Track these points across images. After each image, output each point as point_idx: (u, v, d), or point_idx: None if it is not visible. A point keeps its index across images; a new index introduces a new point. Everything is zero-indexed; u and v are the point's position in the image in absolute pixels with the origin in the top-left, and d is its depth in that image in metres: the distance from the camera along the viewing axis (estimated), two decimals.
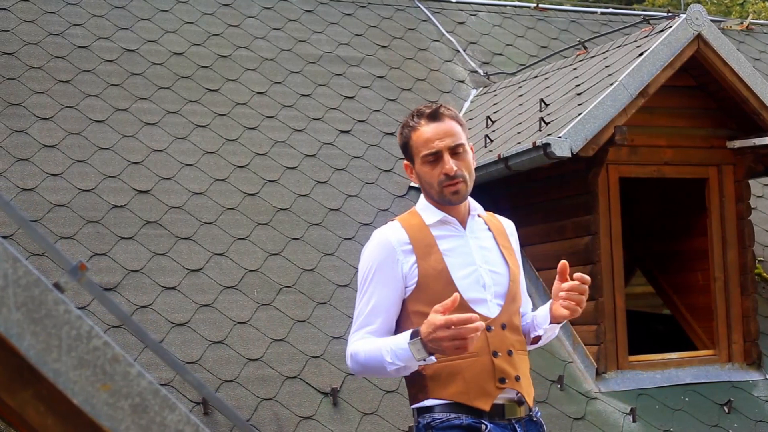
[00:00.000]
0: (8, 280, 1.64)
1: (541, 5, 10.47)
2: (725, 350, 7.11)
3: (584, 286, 3.37)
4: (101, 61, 7.75)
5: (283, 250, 6.78)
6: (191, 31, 8.39)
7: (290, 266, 6.68)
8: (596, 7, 11.12)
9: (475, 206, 3.54)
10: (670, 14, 9.11)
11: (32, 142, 6.90)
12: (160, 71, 7.85)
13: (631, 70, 6.58)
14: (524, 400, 3.34)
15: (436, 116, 3.43)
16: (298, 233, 6.93)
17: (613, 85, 6.54)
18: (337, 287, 6.61)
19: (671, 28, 6.80)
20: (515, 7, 10.47)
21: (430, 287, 3.27)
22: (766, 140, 6.99)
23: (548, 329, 3.51)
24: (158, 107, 7.52)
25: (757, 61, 10.30)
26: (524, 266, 6.61)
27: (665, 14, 9.93)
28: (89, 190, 6.71)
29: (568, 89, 7.20)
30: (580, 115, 6.39)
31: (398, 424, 5.85)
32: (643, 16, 10.29)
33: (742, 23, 11.09)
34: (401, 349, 3.16)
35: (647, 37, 7.07)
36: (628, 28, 9.85)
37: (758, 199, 8.70)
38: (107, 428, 1.69)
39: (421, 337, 3.11)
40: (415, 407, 3.37)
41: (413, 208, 3.53)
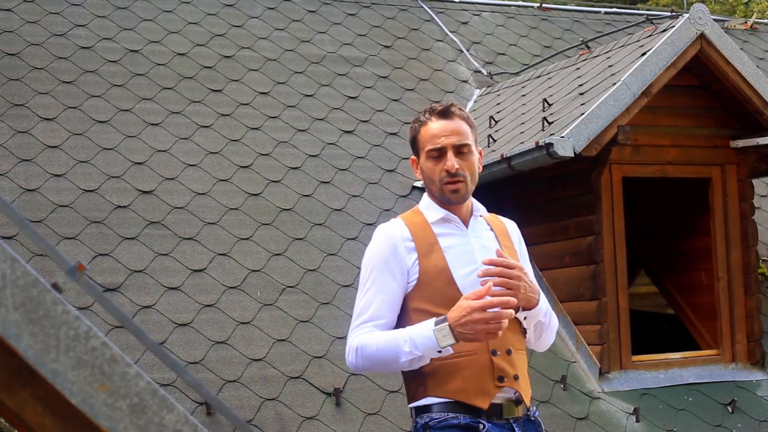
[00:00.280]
0: (6, 280, 1.64)
1: (544, 5, 10.46)
2: (729, 350, 7.10)
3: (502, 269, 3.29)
4: (104, 61, 7.76)
5: (286, 250, 6.78)
6: (194, 31, 8.39)
7: (293, 266, 6.68)
8: (600, 6, 11.11)
9: (478, 207, 3.55)
10: (673, 14, 9.11)
11: (35, 142, 6.91)
12: (163, 72, 7.86)
13: (634, 69, 6.57)
14: (522, 399, 3.34)
15: (446, 114, 3.46)
16: (301, 233, 6.93)
17: (616, 84, 6.53)
18: (340, 287, 6.61)
19: (674, 27, 6.79)
20: (519, 6, 10.46)
21: (430, 285, 3.27)
22: None
23: (527, 316, 3.42)
24: (161, 107, 7.53)
25: (761, 60, 10.29)
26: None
27: (669, 14, 9.93)
28: (92, 190, 6.71)
29: (571, 89, 7.19)
30: (582, 114, 6.39)
31: (401, 424, 5.85)
32: (646, 15, 10.28)
33: (745, 22, 11.07)
34: (423, 337, 3.16)
35: (650, 36, 7.06)
36: (631, 27, 9.84)
37: (762, 198, 8.69)
38: (105, 428, 1.69)
39: (449, 323, 3.11)
40: (412, 406, 3.36)
41: (416, 206, 3.55)
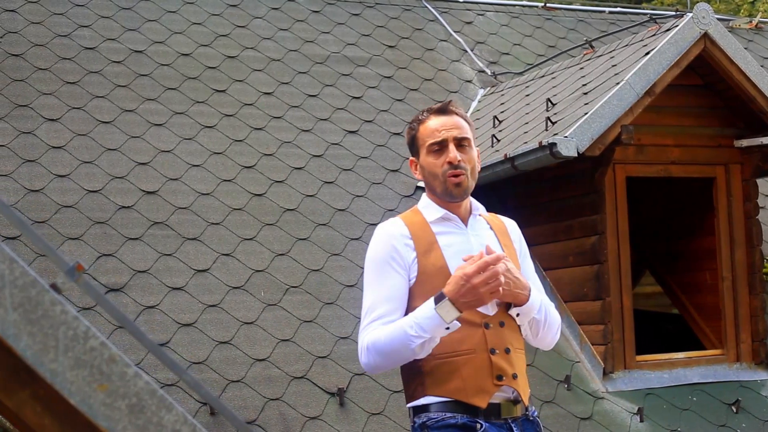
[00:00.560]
0: (5, 280, 1.64)
1: (548, 4, 10.46)
2: (733, 350, 7.09)
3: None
4: (108, 62, 7.77)
5: (289, 250, 6.78)
6: (198, 32, 8.40)
7: (297, 266, 6.68)
8: (604, 6, 11.10)
9: (477, 206, 3.55)
10: (677, 13, 9.09)
11: (39, 143, 6.92)
12: (167, 72, 7.87)
13: (637, 69, 6.57)
14: (520, 398, 3.33)
15: (444, 110, 3.50)
16: (305, 233, 6.94)
17: (619, 84, 6.53)
18: (343, 287, 6.62)
19: (678, 27, 6.79)
20: (523, 6, 10.46)
21: (429, 283, 3.26)
22: None
23: (520, 312, 3.39)
24: (165, 108, 7.54)
25: (765, 59, 10.27)
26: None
27: (673, 13, 9.91)
28: (96, 191, 6.72)
29: (574, 89, 7.19)
30: (586, 114, 6.38)
31: (405, 424, 5.85)
32: (650, 15, 10.27)
33: (750, 22, 11.05)
34: (427, 318, 3.16)
35: (654, 36, 7.06)
36: (635, 27, 9.83)
37: (766, 198, 8.67)
38: (104, 428, 1.69)
39: (448, 297, 3.13)
40: (411, 406, 3.35)
41: (415, 206, 3.55)
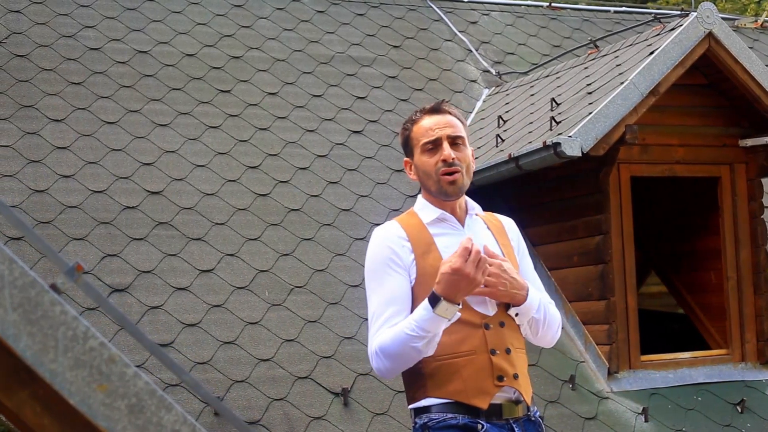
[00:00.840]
0: (4, 281, 1.64)
1: (554, 4, 10.45)
2: (738, 349, 7.08)
3: (494, 260, 3.29)
4: (113, 62, 7.78)
5: (294, 250, 6.79)
6: (203, 32, 8.41)
7: (301, 266, 6.69)
8: (609, 5, 11.09)
9: (473, 205, 3.54)
10: (683, 12, 9.08)
11: (44, 143, 6.93)
12: (172, 72, 7.87)
13: (641, 68, 6.56)
14: (522, 398, 3.32)
15: (437, 110, 3.51)
16: (309, 233, 6.94)
17: (623, 84, 6.52)
18: (348, 287, 6.62)
19: (682, 26, 6.78)
20: (528, 6, 10.45)
21: (429, 284, 3.23)
22: None
23: (519, 312, 3.39)
24: (170, 108, 7.55)
25: None
26: (536, 265, 6.60)
27: (678, 12, 9.89)
28: (101, 191, 6.73)
29: (579, 88, 7.18)
30: (590, 114, 6.38)
31: (409, 424, 5.80)
32: (654, 14, 10.24)
33: (756, 21, 11.03)
34: (426, 321, 3.15)
35: (658, 35, 7.05)
36: (640, 26, 9.81)
37: None
38: (104, 428, 1.69)
39: (443, 297, 3.12)
40: (412, 408, 3.36)
41: (411, 208, 3.54)
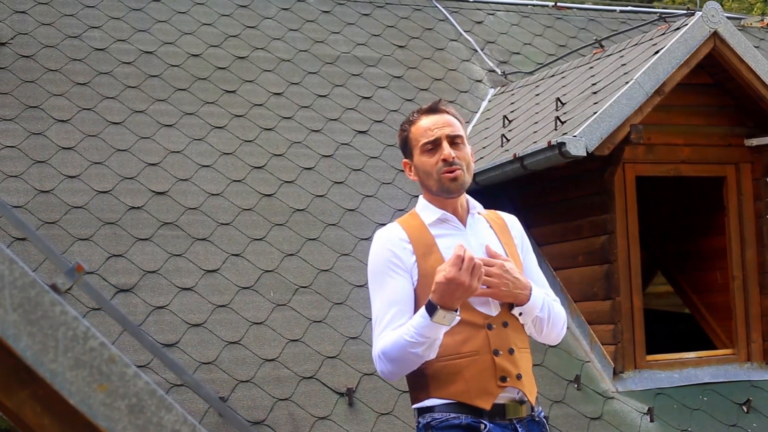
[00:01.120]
0: (4, 281, 1.65)
1: (559, 4, 10.43)
2: (744, 349, 7.07)
3: (495, 261, 3.29)
4: (119, 63, 7.79)
5: (299, 250, 6.79)
6: (208, 32, 8.41)
7: (306, 266, 6.69)
8: (615, 5, 11.07)
9: (474, 204, 3.52)
10: (688, 11, 9.07)
11: (50, 144, 6.94)
12: (177, 73, 7.88)
13: (646, 68, 6.55)
14: (526, 399, 3.31)
15: (435, 109, 3.49)
16: (314, 233, 6.94)
17: (628, 83, 6.52)
18: (353, 287, 6.62)
19: (687, 25, 6.77)
20: (534, 5, 10.44)
21: (429, 286, 3.19)
22: None
23: (522, 312, 3.39)
24: (175, 109, 7.56)
25: None
26: (541, 265, 6.58)
27: (683, 12, 9.88)
28: (106, 191, 6.74)
29: (584, 88, 7.18)
30: (595, 114, 6.37)
31: (414, 424, 5.84)
32: (659, 13, 10.24)
33: (762, 20, 11.01)
34: (424, 327, 3.14)
35: (663, 35, 7.04)
36: (645, 25, 9.81)
37: None
38: (104, 428, 1.69)
39: (440, 306, 3.11)
40: (416, 407, 3.37)
41: (413, 210, 3.53)
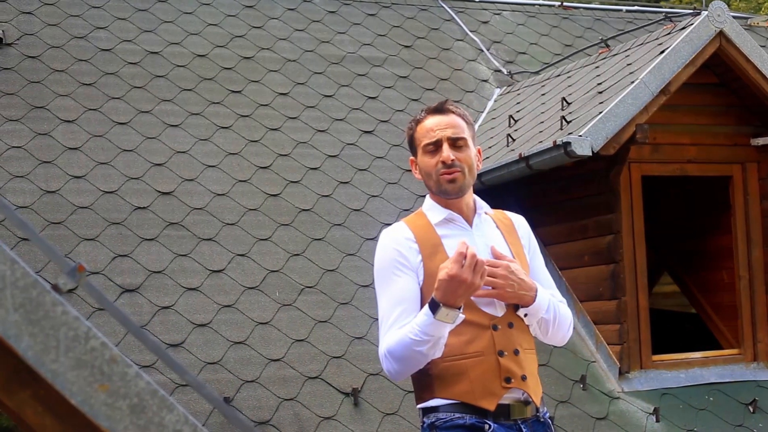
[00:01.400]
0: (6, 281, 1.65)
1: (566, 3, 10.42)
2: (750, 349, 7.06)
3: (501, 261, 3.29)
4: (125, 63, 7.80)
5: (305, 250, 6.79)
6: (214, 33, 8.42)
7: (312, 267, 6.69)
8: (622, 4, 11.06)
9: (481, 204, 3.52)
10: (695, 11, 9.05)
11: (56, 144, 6.96)
12: (183, 73, 7.89)
13: (652, 68, 6.54)
14: (531, 399, 3.30)
15: (441, 110, 3.48)
16: (320, 234, 6.95)
17: (634, 83, 6.51)
18: (359, 287, 6.62)
19: (692, 25, 6.76)
20: (540, 5, 10.43)
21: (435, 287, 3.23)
22: None
23: (528, 313, 3.38)
24: (181, 109, 7.57)
25: None
26: (547, 265, 6.58)
27: (690, 11, 9.86)
28: (112, 191, 6.75)
29: (590, 88, 7.17)
30: (600, 113, 6.37)
31: (419, 424, 5.84)
32: (665, 13, 10.22)
33: None
34: (427, 325, 3.14)
35: (669, 34, 7.03)
36: (651, 25, 9.79)
37: None
38: (105, 428, 1.70)
39: (442, 303, 3.11)
40: (420, 407, 3.37)
41: (419, 209, 3.53)
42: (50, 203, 6.54)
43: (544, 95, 7.84)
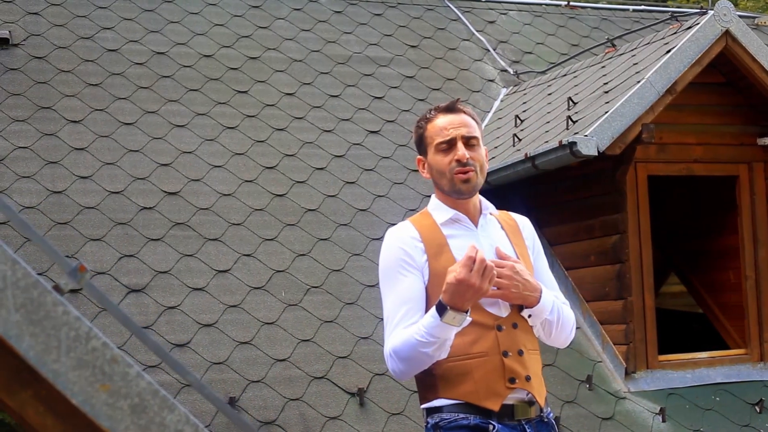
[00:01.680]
0: (7, 282, 1.65)
1: (572, 3, 10.41)
2: (757, 349, 7.04)
3: (506, 262, 3.29)
4: (131, 64, 7.81)
5: (311, 250, 6.80)
6: (220, 33, 8.43)
7: (318, 267, 6.70)
8: (629, 4, 11.05)
9: (486, 205, 3.51)
10: (701, 10, 9.04)
11: (62, 144, 6.97)
12: (189, 73, 7.90)
13: (658, 67, 6.53)
14: (535, 400, 3.30)
15: (452, 109, 3.48)
16: (326, 234, 6.95)
17: (640, 82, 6.50)
18: (364, 287, 6.62)
19: (699, 24, 6.75)
20: (546, 5, 10.42)
21: (441, 286, 3.19)
22: None
23: (532, 314, 3.38)
24: (187, 109, 7.57)
25: None
26: (553, 265, 6.60)
27: (696, 10, 9.85)
28: (118, 192, 6.77)
29: (596, 87, 7.16)
30: (606, 113, 6.36)
31: (424, 424, 5.84)
32: (671, 12, 10.20)
33: None
34: (434, 327, 3.14)
35: (675, 34, 7.02)
36: (657, 24, 9.78)
37: None
38: (106, 428, 1.70)
39: (450, 307, 3.10)
40: (424, 407, 3.37)
41: (425, 209, 3.53)
42: (56, 203, 6.55)
43: (550, 95, 7.83)
